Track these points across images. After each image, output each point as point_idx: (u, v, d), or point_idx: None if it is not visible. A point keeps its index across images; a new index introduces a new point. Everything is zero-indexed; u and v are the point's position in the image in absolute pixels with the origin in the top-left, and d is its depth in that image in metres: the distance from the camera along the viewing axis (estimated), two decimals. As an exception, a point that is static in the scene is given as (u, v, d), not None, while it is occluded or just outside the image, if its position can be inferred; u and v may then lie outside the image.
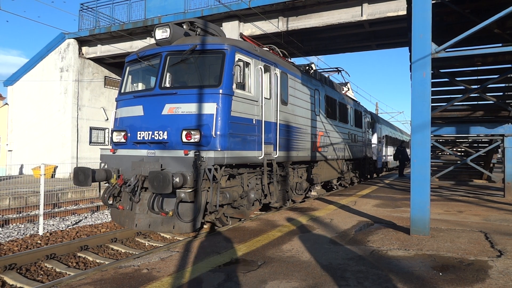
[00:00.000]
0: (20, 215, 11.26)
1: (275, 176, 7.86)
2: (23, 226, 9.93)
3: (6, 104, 26.82)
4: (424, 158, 5.29)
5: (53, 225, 10.00)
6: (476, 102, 11.01)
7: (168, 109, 6.63)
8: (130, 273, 3.86)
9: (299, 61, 64.98)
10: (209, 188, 6.27)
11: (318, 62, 35.05)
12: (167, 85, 7.00)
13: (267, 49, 9.05)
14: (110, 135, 7.28)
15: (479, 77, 10.02)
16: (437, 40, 6.38)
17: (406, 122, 50.94)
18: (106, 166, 7.20)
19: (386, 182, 15.83)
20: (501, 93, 10.51)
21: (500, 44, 8.82)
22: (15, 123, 24.52)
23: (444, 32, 8.20)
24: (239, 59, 6.89)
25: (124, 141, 7.16)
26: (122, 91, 7.77)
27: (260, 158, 7.30)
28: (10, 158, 24.55)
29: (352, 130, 14.63)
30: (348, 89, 15.53)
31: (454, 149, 15.35)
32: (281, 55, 9.86)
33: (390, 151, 25.72)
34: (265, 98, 7.62)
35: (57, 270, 6.08)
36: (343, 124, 13.26)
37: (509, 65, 9.21)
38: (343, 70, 14.61)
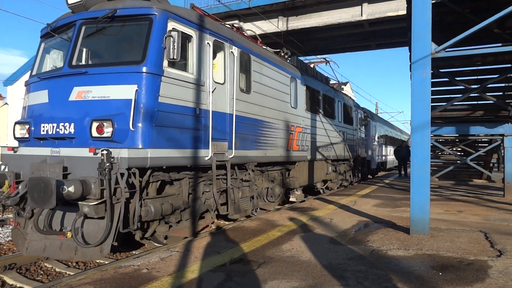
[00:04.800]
0: (20, 215, 11.25)
1: (229, 181, 6.57)
2: (23, 226, 9.93)
3: (6, 104, 26.82)
4: (424, 158, 5.29)
5: (53, 225, 9.99)
6: (476, 102, 11.04)
7: (77, 93, 5.18)
8: (130, 273, 3.86)
9: (299, 61, 64.71)
10: (128, 199, 4.85)
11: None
12: (82, 62, 5.54)
13: (229, 26, 7.59)
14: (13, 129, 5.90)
15: (479, 77, 10.04)
16: (437, 40, 6.38)
17: (406, 122, 51.00)
18: (6, 169, 5.66)
19: (386, 182, 15.83)
20: (501, 93, 10.54)
21: (500, 44, 8.83)
22: (15, 123, 24.53)
23: (444, 31, 8.21)
24: (173, 28, 5.41)
25: (27, 136, 5.66)
26: (34, 72, 6.21)
27: (207, 159, 5.99)
28: (10, 158, 24.55)
29: (340, 127, 13.14)
30: (343, 88, 15.21)
31: (454, 149, 15.36)
32: (248, 36, 8.29)
33: (386, 150, 25.28)
34: (215, 82, 6.26)
35: (57, 270, 6.07)
36: (329, 119, 11.86)
37: (509, 65, 9.23)
38: (332, 60, 13.38)
